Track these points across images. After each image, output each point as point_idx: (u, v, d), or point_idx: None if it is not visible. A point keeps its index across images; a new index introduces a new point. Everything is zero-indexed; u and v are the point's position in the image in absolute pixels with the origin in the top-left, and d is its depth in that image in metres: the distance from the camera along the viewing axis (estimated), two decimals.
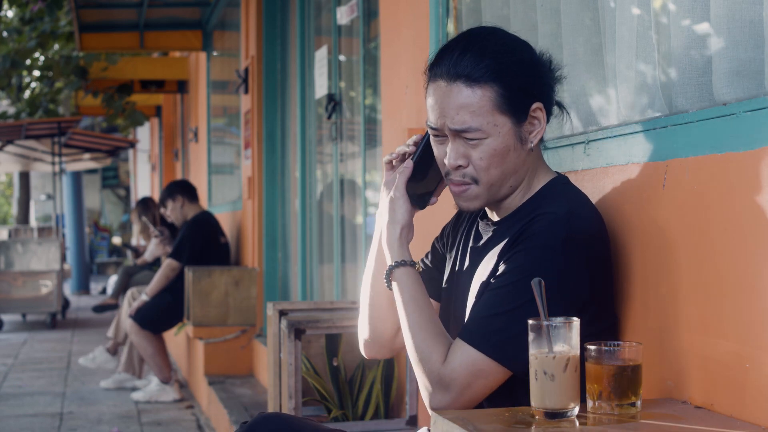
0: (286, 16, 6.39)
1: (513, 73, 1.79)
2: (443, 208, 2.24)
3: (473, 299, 1.87)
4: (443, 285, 2.06)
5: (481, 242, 1.94)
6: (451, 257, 2.07)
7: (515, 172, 1.85)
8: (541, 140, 1.89)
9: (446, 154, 1.85)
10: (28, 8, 10.60)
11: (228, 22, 8.05)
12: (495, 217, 1.94)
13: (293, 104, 6.13)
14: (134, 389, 6.85)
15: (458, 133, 1.81)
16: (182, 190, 6.93)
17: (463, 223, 2.08)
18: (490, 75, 1.78)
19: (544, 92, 1.84)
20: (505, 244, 1.84)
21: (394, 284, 1.90)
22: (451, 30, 3.15)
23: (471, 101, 1.78)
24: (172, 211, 6.90)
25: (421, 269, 1.96)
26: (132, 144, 15.08)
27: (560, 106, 1.93)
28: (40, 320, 11.73)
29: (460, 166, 1.83)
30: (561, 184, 1.90)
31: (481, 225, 1.97)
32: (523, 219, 1.83)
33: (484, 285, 1.84)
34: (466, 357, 1.74)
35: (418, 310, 1.85)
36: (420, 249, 2.20)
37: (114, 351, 7.27)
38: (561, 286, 1.72)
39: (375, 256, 2.05)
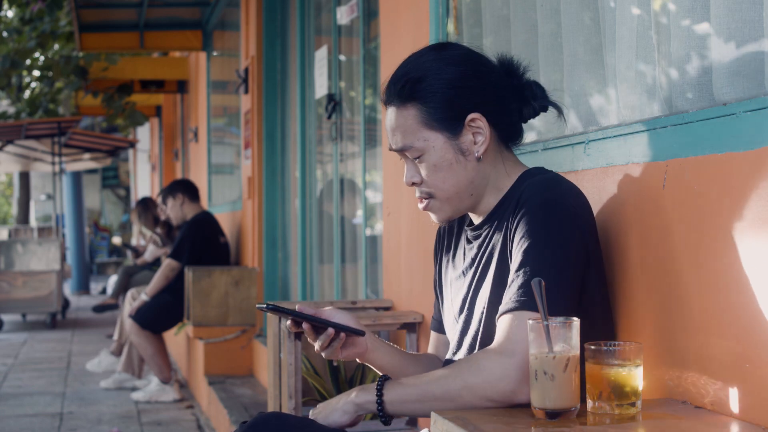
0: (286, 16, 6.39)
1: (433, 90, 1.85)
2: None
3: (484, 305, 1.85)
4: (455, 314, 2.01)
5: (471, 256, 1.95)
6: (448, 292, 2.05)
7: (470, 182, 1.89)
8: (512, 141, 1.93)
9: None
10: (28, 8, 10.59)
11: (228, 22, 8.05)
12: (477, 220, 1.97)
13: (293, 104, 6.13)
14: (134, 389, 6.85)
15: (402, 153, 1.91)
16: (185, 188, 6.93)
17: (447, 248, 2.08)
18: (410, 95, 1.87)
19: (483, 102, 1.86)
20: (500, 233, 1.85)
21: (392, 408, 1.81)
22: (451, 30, 3.15)
23: (399, 122, 1.90)
24: (172, 209, 6.90)
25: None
26: (132, 144, 15.07)
27: (532, 107, 1.93)
28: (40, 320, 11.73)
29: (414, 183, 1.92)
30: (535, 169, 1.93)
31: (467, 235, 1.98)
32: (509, 207, 1.85)
33: (498, 280, 1.83)
34: (517, 322, 1.69)
35: (426, 390, 1.76)
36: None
37: (118, 352, 7.27)
38: (573, 225, 1.75)
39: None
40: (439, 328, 2.12)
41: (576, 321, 1.58)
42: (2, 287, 10.73)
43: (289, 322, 1.94)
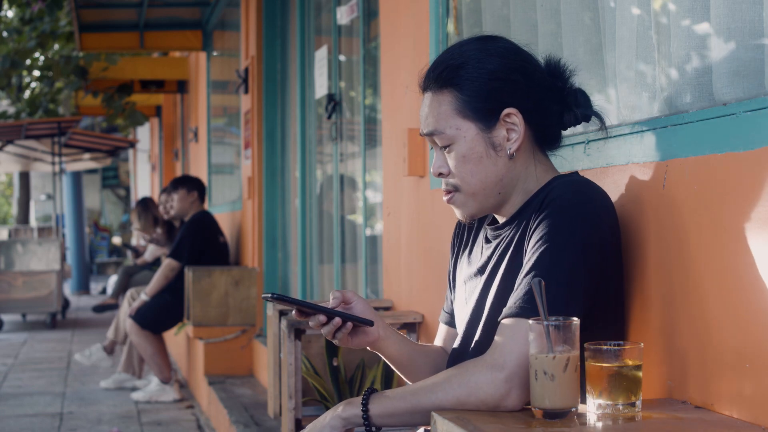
0: (286, 16, 6.39)
1: (472, 78, 1.82)
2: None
3: (492, 303, 1.84)
4: (467, 309, 1.98)
5: (487, 255, 1.92)
6: (462, 290, 2.02)
7: (498, 179, 1.84)
8: (548, 145, 1.89)
9: None
10: (28, 8, 10.59)
11: (228, 22, 8.05)
12: (501, 220, 1.93)
13: (293, 104, 6.13)
14: (134, 389, 6.85)
15: (431, 139, 1.87)
16: (201, 189, 6.96)
17: (465, 244, 2.05)
18: (449, 81, 1.83)
19: (522, 98, 1.82)
20: (519, 234, 1.82)
21: (380, 421, 1.79)
22: (451, 30, 3.15)
23: (434, 107, 1.86)
24: (180, 201, 6.88)
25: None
26: (132, 144, 15.08)
27: (574, 114, 1.88)
28: (40, 320, 11.73)
29: (441, 173, 1.88)
30: (566, 174, 1.90)
31: (487, 234, 1.95)
32: (533, 208, 1.81)
33: (508, 280, 1.81)
34: (513, 331, 1.67)
35: (416, 403, 1.74)
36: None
37: (111, 350, 7.26)
38: (593, 231, 1.72)
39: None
40: (450, 321, 2.09)
41: (576, 321, 1.58)
42: (2, 287, 10.73)
43: (294, 312, 1.92)
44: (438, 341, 2.12)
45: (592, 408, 1.58)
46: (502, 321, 1.71)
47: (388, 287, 3.87)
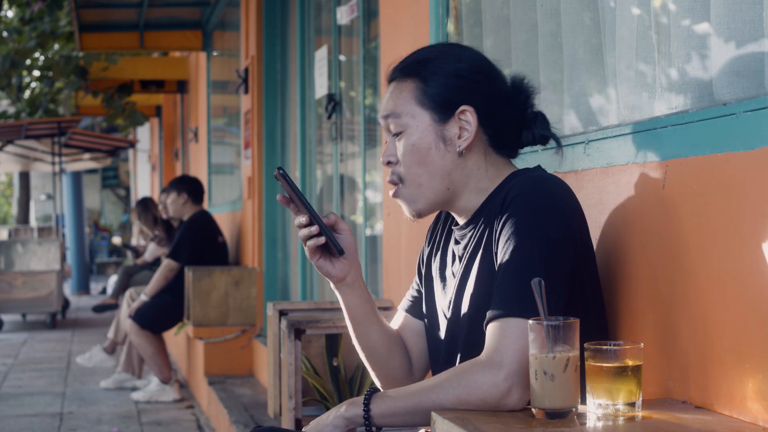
0: (286, 16, 6.39)
1: (436, 72, 1.87)
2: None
3: (468, 304, 1.85)
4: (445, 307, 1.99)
5: (458, 256, 1.93)
6: (436, 282, 2.04)
7: (445, 173, 1.87)
8: (503, 151, 1.91)
9: None
10: (28, 8, 10.60)
11: (228, 22, 8.05)
12: (461, 221, 1.95)
13: (293, 104, 6.13)
14: (134, 389, 6.85)
15: (386, 123, 1.91)
16: (191, 189, 6.90)
17: (437, 244, 2.06)
18: (414, 72, 1.89)
19: (480, 99, 1.86)
20: (487, 235, 1.83)
21: (381, 421, 1.79)
22: (451, 30, 3.15)
23: (396, 93, 1.91)
24: (172, 203, 6.88)
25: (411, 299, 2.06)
26: (132, 144, 15.08)
27: (532, 133, 1.91)
28: (40, 320, 11.73)
29: (390, 162, 1.91)
30: (522, 169, 1.92)
31: (455, 235, 1.96)
32: (494, 207, 1.83)
33: (487, 279, 1.81)
34: (504, 330, 1.68)
35: (417, 403, 1.74)
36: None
37: (111, 350, 7.27)
38: (560, 224, 1.73)
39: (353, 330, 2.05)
40: (410, 309, 2.09)
41: (576, 321, 1.58)
42: (2, 287, 10.73)
43: (281, 196, 1.91)
44: (394, 325, 2.12)
45: (592, 408, 1.58)
46: (492, 322, 1.71)
47: (387, 287, 3.87)
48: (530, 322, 1.59)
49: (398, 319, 2.13)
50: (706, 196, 1.69)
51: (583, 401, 1.61)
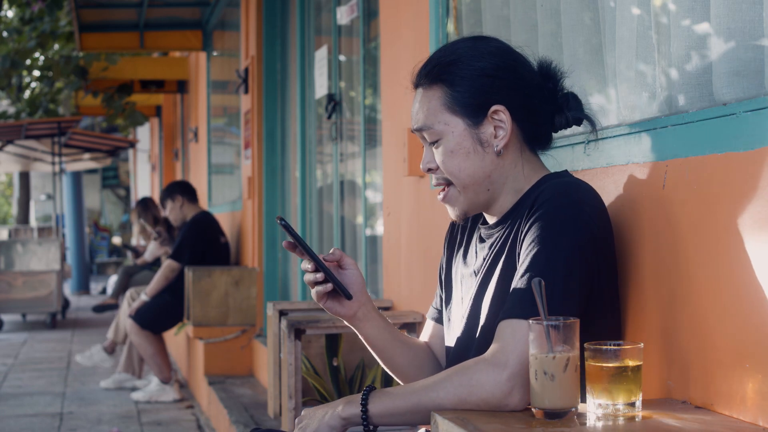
0: (286, 16, 6.39)
1: (462, 75, 1.84)
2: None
3: (490, 303, 1.84)
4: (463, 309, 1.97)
5: (482, 255, 1.92)
6: (455, 283, 2.03)
7: (486, 175, 1.86)
8: (537, 145, 1.90)
9: None
10: (28, 8, 10.59)
11: (228, 22, 8.05)
12: (491, 220, 1.94)
13: (293, 104, 6.13)
14: (134, 389, 6.85)
15: (420, 135, 1.90)
16: (182, 190, 6.94)
17: (459, 244, 2.05)
18: (438, 77, 1.86)
19: (511, 96, 1.84)
20: (513, 235, 1.82)
21: (380, 420, 1.77)
22: (451, 30, 3.15)
23: (424, 102, 1.88)
24: (171, 211, 6.91)
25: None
26: (132, 144, 15.08)
27: (565, 116, 1.89)
28: (40, 320, 11.73)
29: (430, 169, 1.90)
30: (555, 173, 1.91)
31: (481, 233, 1.95)
32: (524, 209, 1.82)
33: (503, 282, 1.80)
34: (513, 330, 1.67)
35: (417, 402, 1.72)
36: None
37: (111, 350, 7.27)
38: (586, 232, 1.72)
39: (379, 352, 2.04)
40: (438, 318, 2.09)
41: (576, 321, 1.58)
42: (2, 287, 10.73)
43: (286, 243, 1.90)
44: (424, 337, 2.11)
45: (592, 408, 1.58)
46: (502, 321, 1.70)
47: (388, 287, 3.87)
48: (530, 322, 1.59)
49: (427, 329, 2.12)
50: (706, 196, 1.69)
51: (583, 401, 1.61)
